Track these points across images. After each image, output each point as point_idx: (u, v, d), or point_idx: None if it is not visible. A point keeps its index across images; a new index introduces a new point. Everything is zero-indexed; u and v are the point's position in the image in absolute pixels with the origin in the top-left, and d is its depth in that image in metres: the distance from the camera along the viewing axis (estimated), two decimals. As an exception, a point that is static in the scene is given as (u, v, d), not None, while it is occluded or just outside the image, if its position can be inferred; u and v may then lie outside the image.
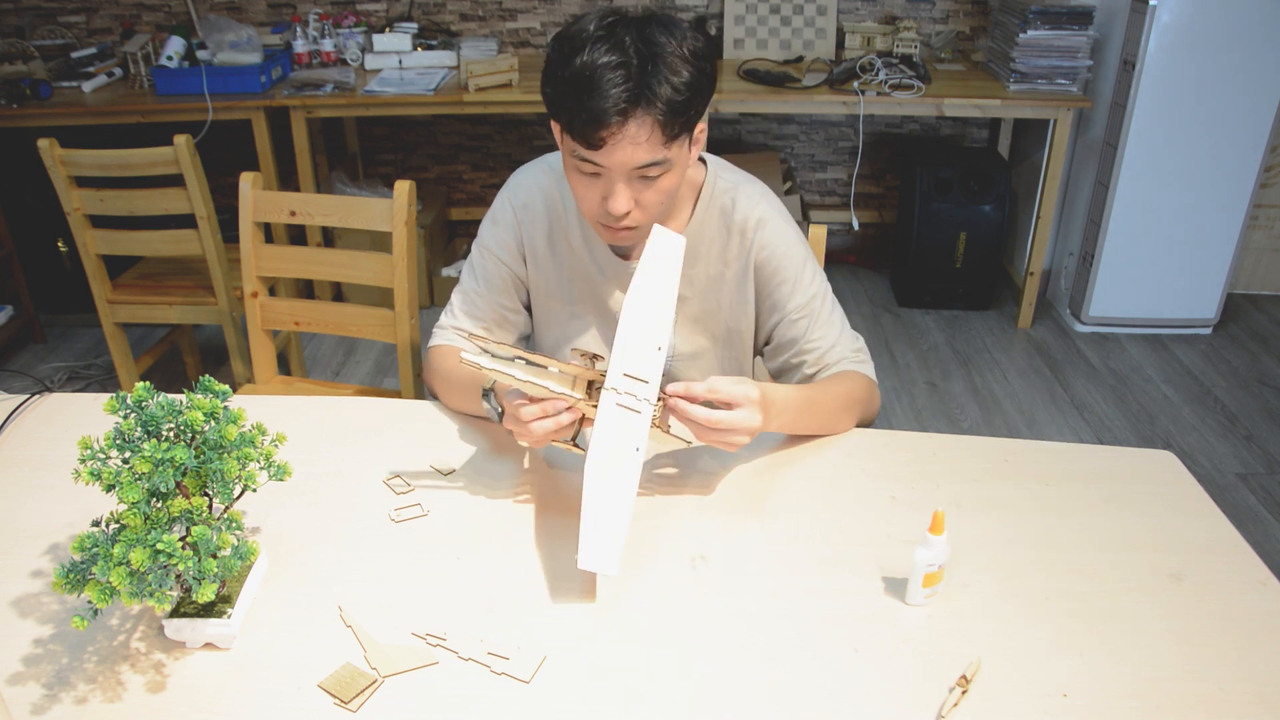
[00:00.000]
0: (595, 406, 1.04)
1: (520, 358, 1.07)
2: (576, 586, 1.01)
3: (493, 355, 1.05)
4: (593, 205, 1.17)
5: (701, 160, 1.32)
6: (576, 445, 1.10)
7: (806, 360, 1.32)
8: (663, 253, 1.16)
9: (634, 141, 1.08)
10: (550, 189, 1.33)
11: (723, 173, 1.31)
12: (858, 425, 1.31)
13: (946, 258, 3.38)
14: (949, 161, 3.34)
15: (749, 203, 1.30)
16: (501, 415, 1.18)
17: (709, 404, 1.09)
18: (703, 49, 1.11)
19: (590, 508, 0.98)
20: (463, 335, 1.26)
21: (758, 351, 1.42)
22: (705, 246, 1.31)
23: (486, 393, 1.18)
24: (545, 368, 1.07)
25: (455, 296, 1.38)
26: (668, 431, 1.11)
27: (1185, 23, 2.86)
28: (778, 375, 1.37)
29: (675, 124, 1.09)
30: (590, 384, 1.08)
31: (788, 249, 1.30)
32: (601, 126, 1.06)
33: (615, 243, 1.24)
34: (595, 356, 1.10)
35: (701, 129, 1.18)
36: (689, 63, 1.08)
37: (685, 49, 1.08)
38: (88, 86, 3.06)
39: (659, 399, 1.07)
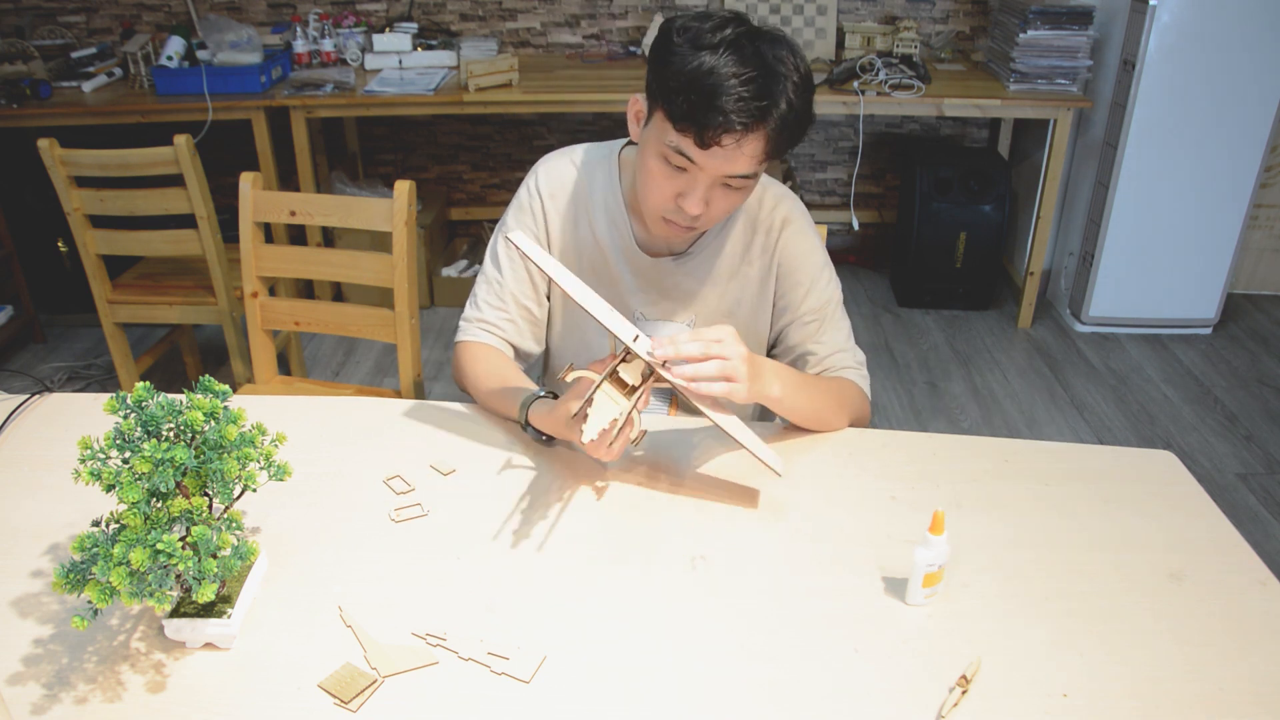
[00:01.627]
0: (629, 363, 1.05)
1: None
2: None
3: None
4: (664, 198, 1.17)
5: None
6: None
7: (809, 362, 1.34)
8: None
9: (744, 153, 1.10)
10: (577, 179, 1.34)
11: None
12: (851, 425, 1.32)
13: (946, 258, 3.38)
14: (949, 161, 3.34)
15: (774, 202, 1.32)
16: (547, 440, 1.21)
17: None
18: (809, 74, 1.13)
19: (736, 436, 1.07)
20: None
21: (767, 352, 1.42)
22: (730, 244, 1.32)
23: (525, 425, 1.22)
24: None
25: (479, 286, 1.38)
26: (676, 411, 1.12)
27: (1185, 23, 2.86)
28: None
29: (782, 144, 1.11)
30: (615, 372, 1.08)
31: (808, 252, 1.32)
32: (724, 131, 1.07)
33: (671, 238, 1.25)
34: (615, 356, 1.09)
35: None
36: (805, 89, 1.10)
37: (801, 73, 1.10)
38: (88, 86, 3.06)
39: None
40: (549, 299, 1.40)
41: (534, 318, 1.38)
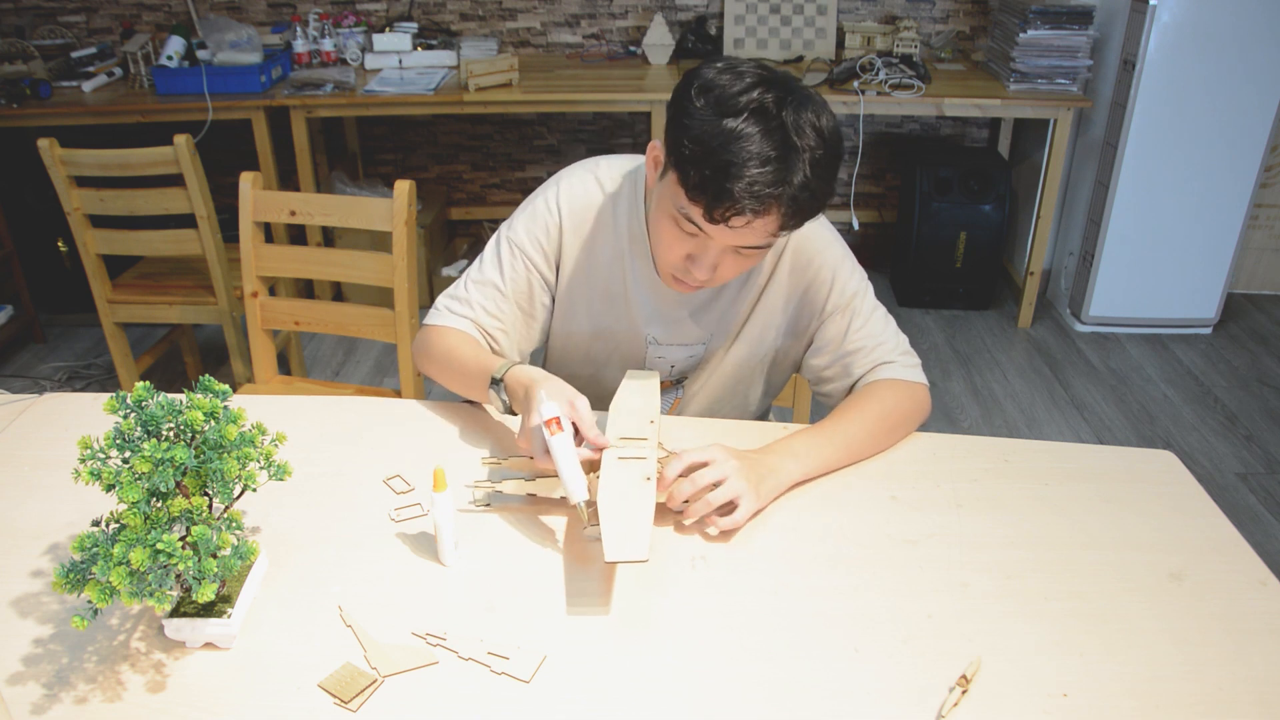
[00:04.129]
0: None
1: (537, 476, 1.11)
2: (588, 587, 1.01)
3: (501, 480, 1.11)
4: (674, 258, 1.15)
5: None
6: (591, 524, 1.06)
7: (854, 361, 1.28)
8: (638, 386, 1.23)
9: (754, 229, 1.06)
10: (602, 199, 1.28)
11: None
12: (915, 427, 1.29)
13: (946, 257, 3.38)
14: (949, 161, 3.34)
15: None
16: (507, 407, 1.19)
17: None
18: (840, 144, 1.07)
19: (608, 509, 0.99)
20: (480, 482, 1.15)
21: (796, 363, 1.39)
22: None
23: (496, 382, 1.18)
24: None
25: (474, 289, 1.30)
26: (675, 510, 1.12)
27: (1185, 23, 2.86)
28: (823, 382, 1.33)
29: (798, 219, 1.07)
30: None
31: (822, 249, 1.27)
32: (735, 213, 1.03)
33: (678, 290, 1.22)
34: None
35: None
36: (825, 162, 1.05)
37: (830, 147, 1.05)
38: (88, 86, 3.06)
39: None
40: (548, 314, 1.36)
41: (525, 330, 1.34)
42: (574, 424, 1.08)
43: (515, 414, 1.19)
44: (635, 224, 1.27)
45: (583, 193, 1.28)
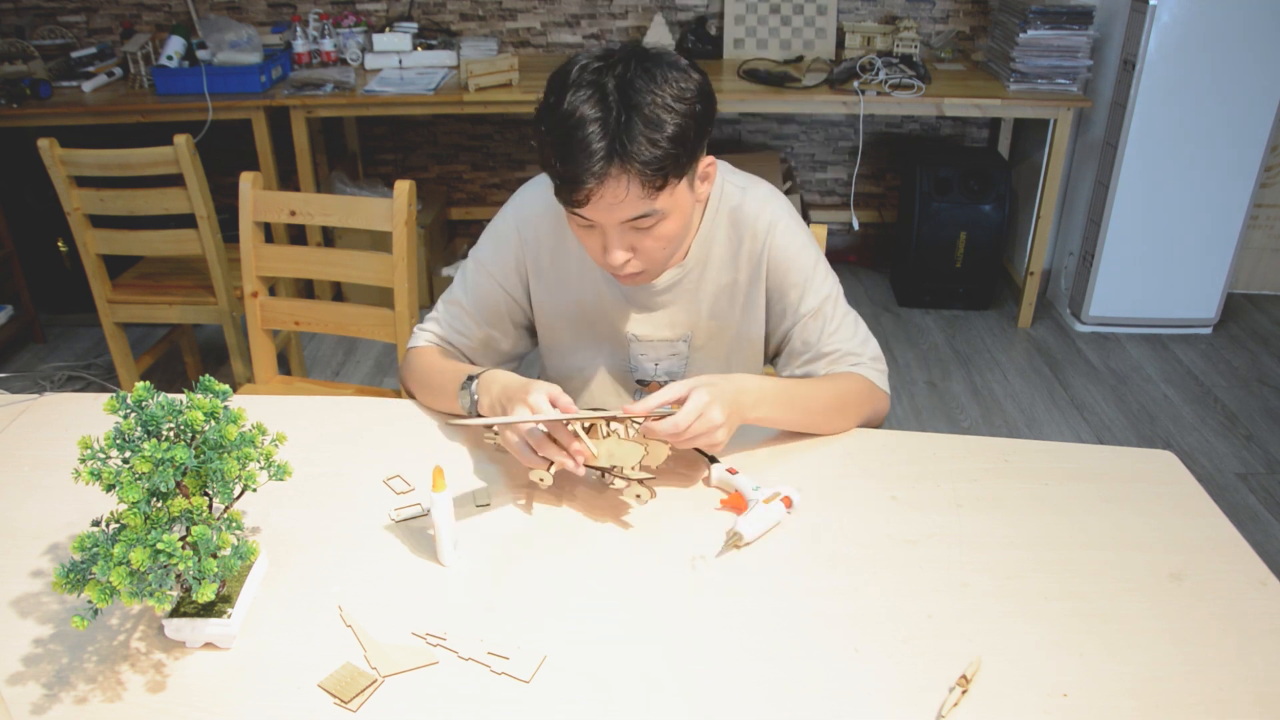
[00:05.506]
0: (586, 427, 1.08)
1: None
2: (589, 586, 1.01)
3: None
4: (595, 255, 1.15)
5: None
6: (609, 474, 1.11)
7: (820, 365, 1.30)
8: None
9: (614, 200, 1.05)
10: (557, 207, 1.27)
11: (730, 176, 1.29)
12: (864, 425, 1.30)
13: (946, 257, 3.38)
14: (949, 161, 3.34)
15: (758, 205, 1.27)
16: (474, 405, 1.18)
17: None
18: (691, 90, 1.05)
19: None
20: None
21: (769, 359, 1.39)
22: (716, 252, 1.28)
23: (469, 380, 1.19)
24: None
25: (442, 307, 1.37)
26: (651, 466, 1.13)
27: (1185, 23, 2.86)
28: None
29: (658, 178, 1.04)
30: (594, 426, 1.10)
31: (798, 251, 1.28)
32: (578, 188, 1.03)
33: (627, 284, 1.22)
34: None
35: (709, 163, 1.16)
36: (672, 111, 1.03)
37: (669, 94, 1.03)
38: (88, 86, 3.06)
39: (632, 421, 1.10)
40: (531, 330, 1.39)
41: (495, 349, 1.37)
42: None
43: (478, 415, 1.19)
44: None
45: (539, 202, 1.30)
